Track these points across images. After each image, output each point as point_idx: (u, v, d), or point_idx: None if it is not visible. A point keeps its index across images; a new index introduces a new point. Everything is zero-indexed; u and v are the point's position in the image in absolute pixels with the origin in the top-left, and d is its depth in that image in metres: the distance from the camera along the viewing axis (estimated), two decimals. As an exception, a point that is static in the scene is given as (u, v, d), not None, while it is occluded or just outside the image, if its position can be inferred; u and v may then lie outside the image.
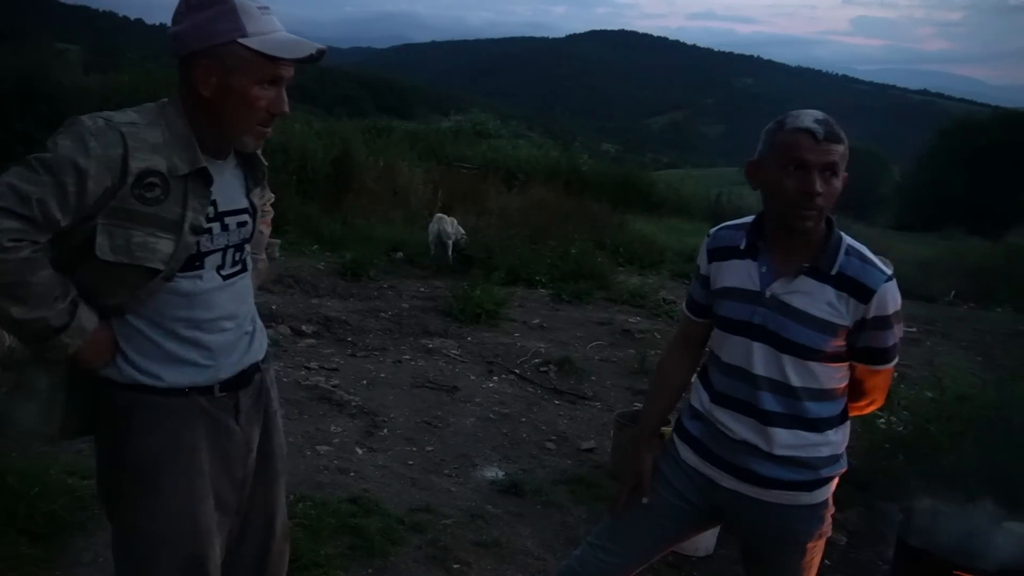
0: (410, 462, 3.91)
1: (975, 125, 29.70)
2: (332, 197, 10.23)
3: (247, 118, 1.56)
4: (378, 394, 4.72)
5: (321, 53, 1.56)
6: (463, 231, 8.58)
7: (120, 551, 1.61)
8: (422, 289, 7.33)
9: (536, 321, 6.72)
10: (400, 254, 8.54)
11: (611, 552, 1.90)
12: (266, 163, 1.75)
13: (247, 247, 1.70)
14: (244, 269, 1.70)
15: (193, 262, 1.55)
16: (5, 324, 1.48)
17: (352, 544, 2.94)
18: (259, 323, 1.77)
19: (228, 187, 1.62)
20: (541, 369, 5.52)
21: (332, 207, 9.91)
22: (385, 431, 4.23)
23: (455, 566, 2.95)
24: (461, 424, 4.46)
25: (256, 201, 1.72)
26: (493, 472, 3.90)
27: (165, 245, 1.49)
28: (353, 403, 4.48)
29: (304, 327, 5.76)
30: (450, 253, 8.23)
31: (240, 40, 1.49)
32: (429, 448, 4.11)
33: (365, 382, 4.89)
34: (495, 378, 5.30)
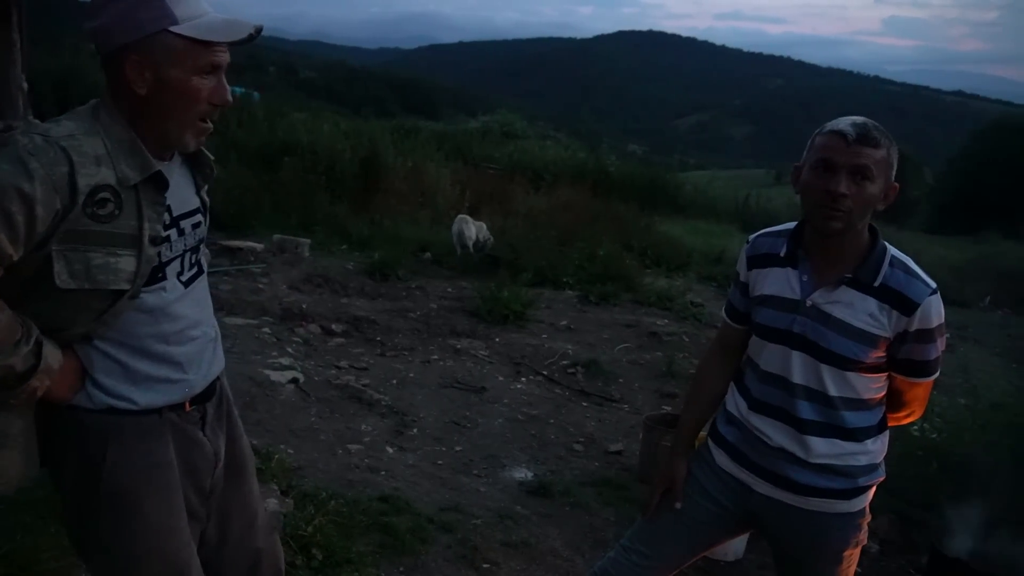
0: (439, 462, 3.94)
1: (1011, 127, 29.13)
2: (360, 197, 10.30)
3: (187, 113, 1.43)
4: (407, 394, 4.76)
5: (258, 32, 1.44)
6: (489, 233, 8.62)
7: (101, 573, 1.57)
8: (449, 290, 7.37)
9: (563, 323, 6.73)
10: (428, 254, 8.59)
11: (644, 555, 1.91)
12: (212, 157, 1.64)
13: (202, 247, 1.64)
14: (201, 271, 1.62)
15: (156, 274, 1.47)
16: None
17: (383, 542, 2.97)
18: (218, 328, 1.70)
19: (178, 188, 1.52)
20: (569, 371, 5.53)
21: (360, 207, 9.99)
22: (415, 431, 4.27)
23: (484, 565, 2.98)
24: (489, 425, 4.48)
25: (206, 198, 1.64)
26: (521, 473, 3.92)
27: (127, 263, 1.39)
28: (383, 402, 4.53)
29: (334, 326, 5.83)
30: (472, 253, 8.27)
31: (171, 28, 1.37)
32: (458, 448, 4.14)
33: (394, 382, 4.93)
34: (523, 379, 5.32)
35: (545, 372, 5.47)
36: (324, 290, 6.89)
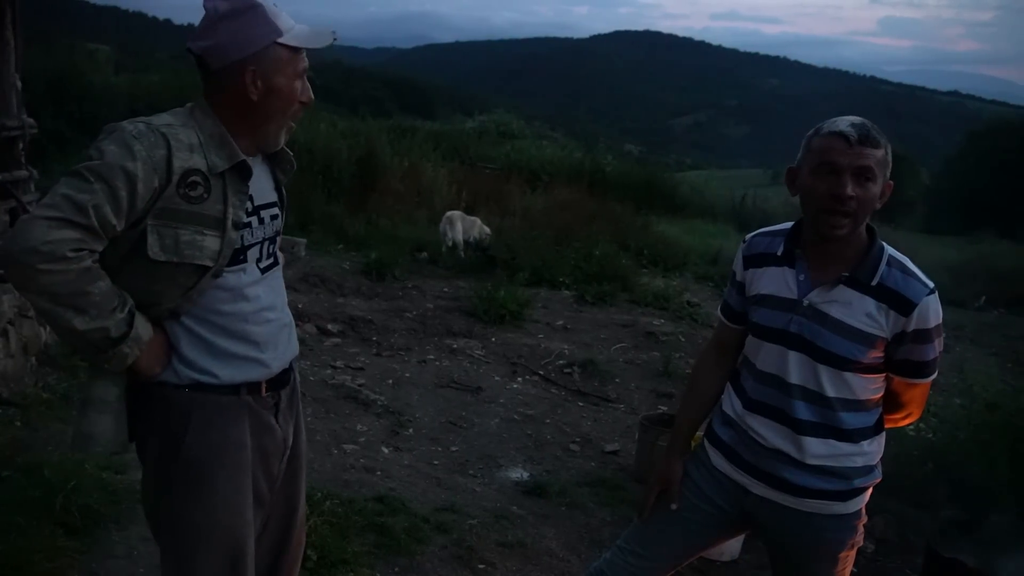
0: (435, 462, 3.94)
1: (1006, 127, 29.21)
2: (357, 197, 10.29)
3: (286, 114, 1.63)
4: (403, 394, 4.76)
5: (335, 38, 1.67)
6: (487, 229, 8.68)
7: (168, 544, 1.65)
8: (446, 289, 7.36)
9: (560, 322, 6.72)
10: (424, 254, 8.59)
11: (640, 556, 1.90)
12: (292, 152, 1.78)
13: (278, 240, 1.75)
14: (276, 263, 1.75)
15: (238, 256, 1.60)
16: (66, 335, 1.50)
17: (378, 542, 2.97)
18: (292, 317, 1.82)
19: (259, 182, 1.66)
20: (565, 371, 5.53)
21: (357, 207, 9.98)
22: (410, 431, 4.27)
23: (480, 566, 2.97)
24: (485, 425, 4.48)
25: (284, 195, 1.77)
26: (517, 473, 3.92)
27: (211, 242, 1.53)
28: (379, 402, 4.52)
29: (330, 326, 5.82)
30: (460, 252, 8.33)
31: (278, 40, 1.55)
32: (454, 448, 4.13)
33: (390, 381, 4.93)
34: (519, 379, 5.32)
35: (541, 372, 5.47)
36: (320, 290, 6.88)
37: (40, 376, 3.98)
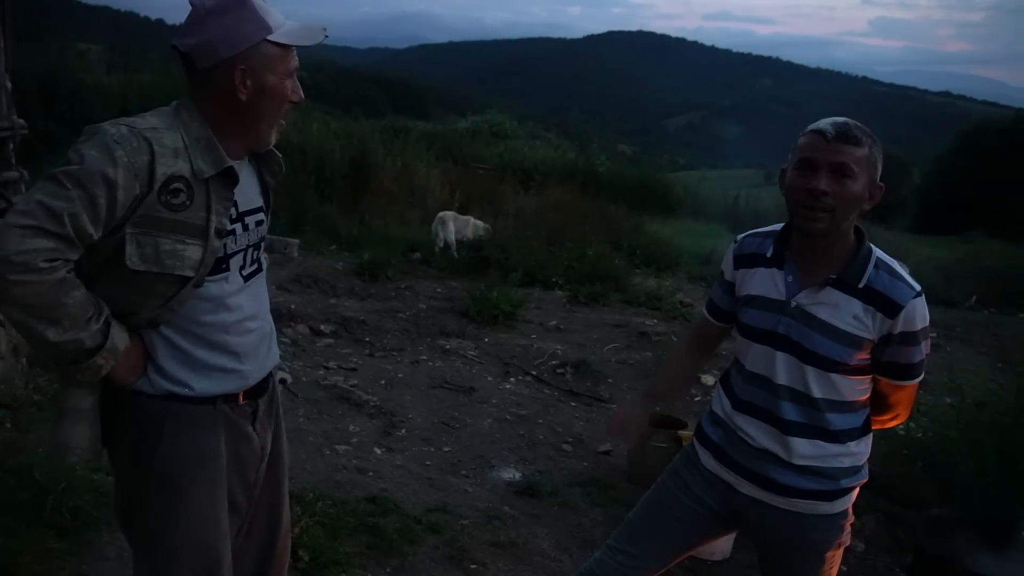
0: (427, 462, 3.94)
1: (997, 127, 29.35)
2: (349, 197, 10.29)
3: (277, 114, 1.57)
4: (396, 394, 4.75)
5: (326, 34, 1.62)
6: (484, 225, 8.73)
7: (142, 555, 1.62)
8: (439, 290, 7.36)
9: (553, 323, 6.73)
10: (417, 255, 8.58)
11: (630, 555, 1.91)
12: (280, 154, 1.72)
13: (263, 245, 1.71)
14: (260, 269, 1.70)
15: (220, 264, 1.55)
16: (39, 346, 1.44)
17: (370, 543, 2.97)
18: (273, 324, 1.77)
19: (245, 186, 1.61)
20: (558, 371, 5.53)
21: (349, 207, 9.97)
22: (403, 431, 4.26)
23: (472, 566, 2.97)
24: (478, 425, 4.48)
25: (270, 198, 1.72)
26: (510, 473, 3.92)
27: (193, 251, 1.48)
28: (371, 403, 4.51)
29: (322, 327, 5.81)
30: (453, 252, 8.35)
31: (268, 38, 1.49)
32: (446, 449, 4.13)
33: (383, 382, 4.92)
34: (512, 379, 5.32)
35: (534, 372, 5.47)
36: (313, 290, 6.87)
37: (30, 378, 3.97)
